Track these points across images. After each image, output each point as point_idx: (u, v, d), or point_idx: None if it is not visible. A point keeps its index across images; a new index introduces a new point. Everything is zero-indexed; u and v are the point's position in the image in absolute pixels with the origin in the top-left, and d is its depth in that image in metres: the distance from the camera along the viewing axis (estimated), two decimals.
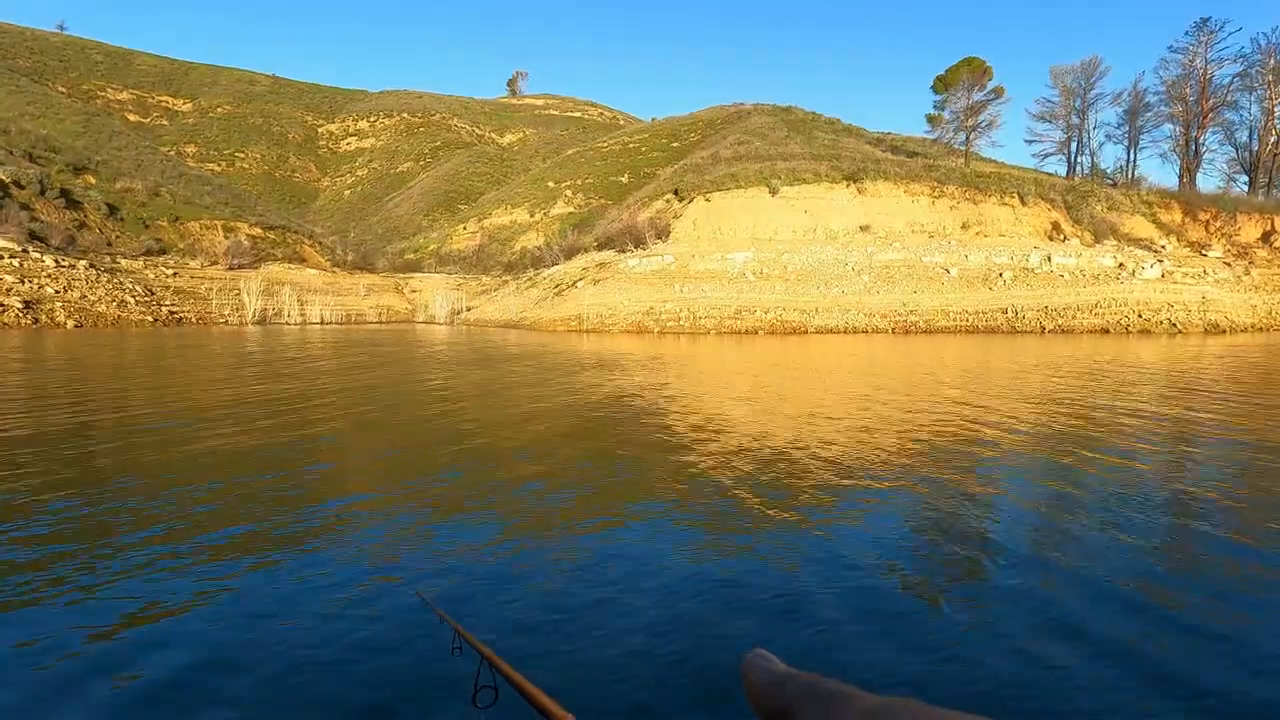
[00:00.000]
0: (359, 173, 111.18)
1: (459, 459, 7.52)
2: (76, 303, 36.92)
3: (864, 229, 43.97)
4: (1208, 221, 45.55)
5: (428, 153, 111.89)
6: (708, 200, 45.75)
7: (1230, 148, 55.82)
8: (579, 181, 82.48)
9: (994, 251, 41.20)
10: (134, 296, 40.46)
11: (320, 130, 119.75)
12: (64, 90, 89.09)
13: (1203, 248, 43.72)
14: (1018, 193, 45.33)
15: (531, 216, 78.09)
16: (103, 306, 37.92)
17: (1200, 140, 54.78)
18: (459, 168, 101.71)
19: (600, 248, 47.80)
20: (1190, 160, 54.84)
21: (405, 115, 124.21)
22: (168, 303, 42.59)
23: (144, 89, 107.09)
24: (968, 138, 52.14)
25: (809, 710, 0.37)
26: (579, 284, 42.93)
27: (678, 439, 8.45)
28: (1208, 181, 56.56)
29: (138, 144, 69.63)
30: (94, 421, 9.30)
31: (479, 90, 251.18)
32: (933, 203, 45.02)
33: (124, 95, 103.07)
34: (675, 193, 49.02)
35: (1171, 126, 56.15)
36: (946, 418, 9.97)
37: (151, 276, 44.67)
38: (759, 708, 0.40)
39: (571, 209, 76.49)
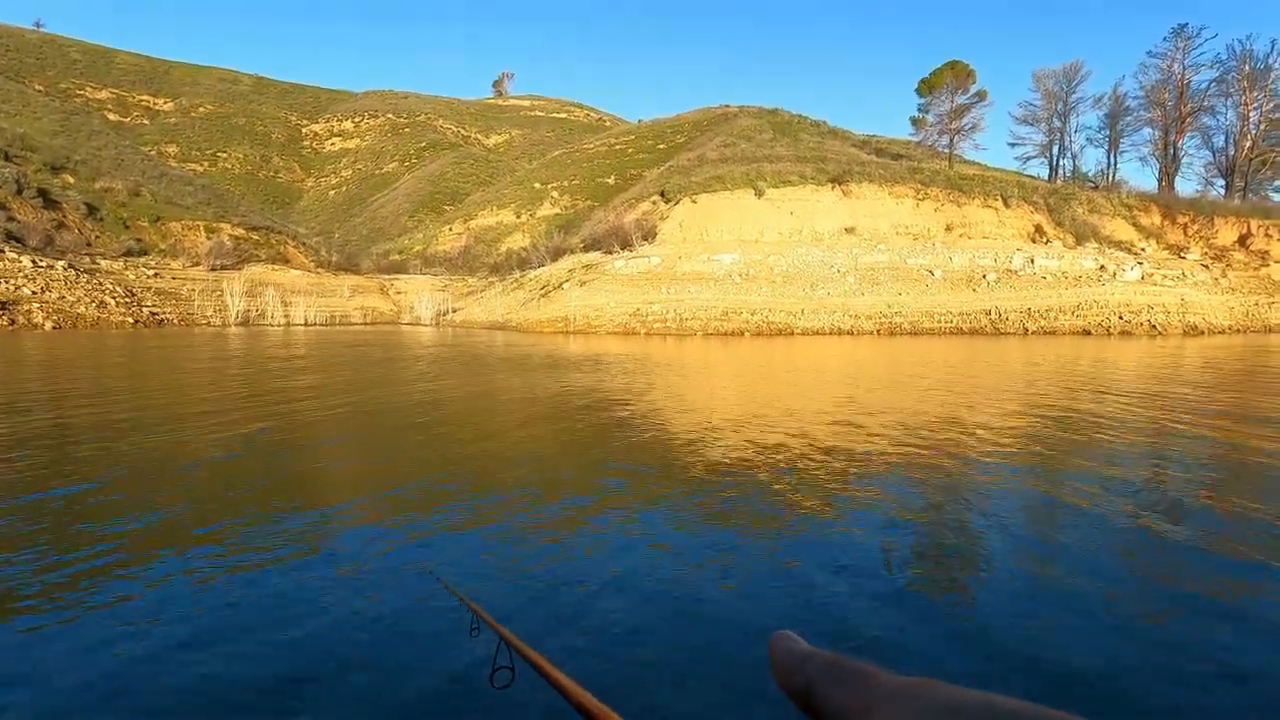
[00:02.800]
0: (343, 173, 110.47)
1: (458, 464, 7.48)
2: (54, 304, 36.38)
3: (849, 231, 44.20)
4: (1186, 224, 46.18)
5: (413, 153, 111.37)
6: (694, 202, 45.83)
7: (1207, 152, 56.65)
8: (565, 183, 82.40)
9: (978, 253, 41.55)
10: (114, 297, 39.93)
11: (304, 130, 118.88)
12: (41, 89, 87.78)
13: (1181, 250, 44.31)
14: (1001, 195, 45.75)
15: (518, 218, 77.92)
16: (82, 307, 37.38)
17: (1178, 144, 55.54)
18: (445, 168, 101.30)
19: (587, 249, 47.74)
20: (1169, 164, 55.58)
21: (390, 116, 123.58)
22: (149, 304, 42.05)
23: (124, 88, 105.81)
24: (951, 140, 52.56)
25: (832, 687, 0.38)
26: (565, 285, 42.85)
27: (675, 441, 8.45)
28: (1186, 185, 57.29)
29: (118, 143, 68.63)
30: (71, 423, 9.16)
31: (465, 91, 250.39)
32: (917, 205, 45.35)
33: (103, 94, 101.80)
34: (662, 194, 49.06)
35: (1150, 131, 56.96)
36: (937, 419, 10.03)
37: (132, 277, 44.09)
38: (783, 685, 0.41)
39: (558, 210, 76.41)
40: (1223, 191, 53.80)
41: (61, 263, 39.60)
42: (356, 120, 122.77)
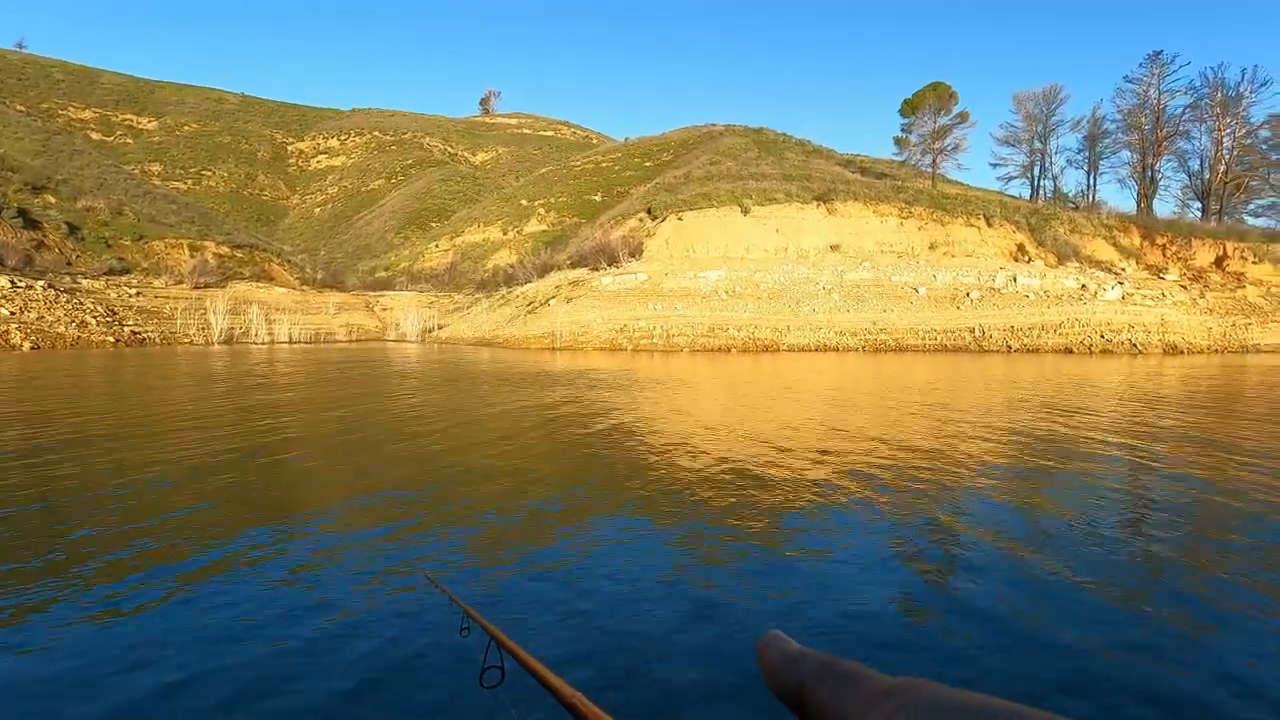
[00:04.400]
0: (329, 191, 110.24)
1: (446, 476, 7.40)
2: (34, 324, 35.89)
3: (834, 248, 44.56)
4: (1164, 246, 46.92)
5: (399, 171, 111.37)
6: (680, 219, 46.08)
7: (1184, 175, 57.74)
8: (552, 200, 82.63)
9: (961, 272, 41.97)
10: (95, 317, 39.45)
11: (290, 148, 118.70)
12: (23, 109, 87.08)
13: (1160, 271, 45.00)
14: (984, 214, 46.32)
15: (504, 234, 77.97)
16: (62, 327, 36.90)
17: (1156, 167, 56.54)
18: (431, 185, 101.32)
19: (573, 265, 47.81)
20: (1147, 186, 56.53)
21: (376, 133, 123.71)
22: (130, 323, 41.57)
23: (107, 107, 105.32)
24: (934, 160, 53.23)
25: (824, 688, 0.38)
26: (552, 302, 42.84)
27: (662, 456, 8.41)
28: (1163, 207, 58.24)
29: (100, 162, 68.06)
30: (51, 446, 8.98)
31: (451, 109, 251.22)
32: (901, 223, 45.83)
33: (86, 114, 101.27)
34: (648, 211, 49.29)
35: (1128, 153, 57.99)
36: (921, 436, 10.06)
37: (114, 296, 43.61)
38: (774, 685, 0.41)
39: (545, 227, 76.54)
40: (1199, 214, 54.80)
41: (41, 283, 39.13)
42: (343, 138, 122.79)
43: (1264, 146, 54.38)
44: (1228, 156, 53.98)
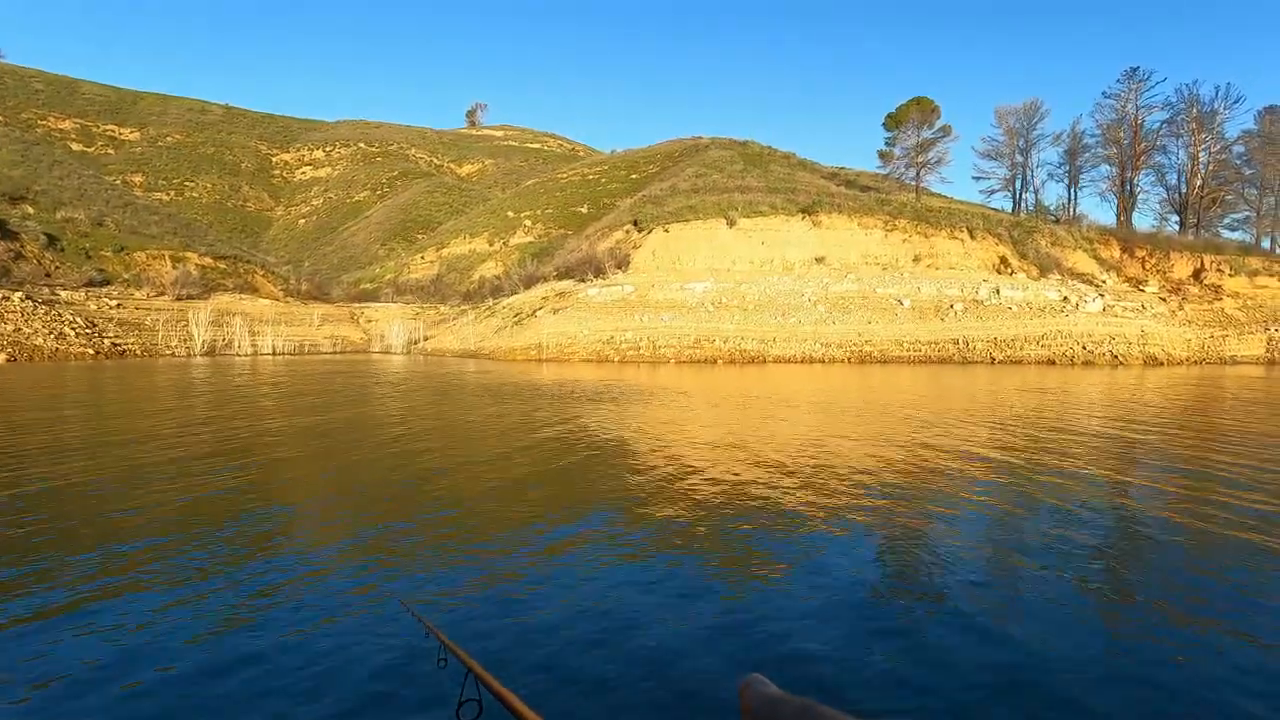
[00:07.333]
0: (314, 202, 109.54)
1: (428, 498, 7.32)
2: (10, 335, 35.38)
3: (819, 260, 44.83)
4: (1144, 258, 47.55)
5: (385, 182, 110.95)
6: (667, 231, 46.21)
7: (1162, 189, 58.59)
8: (538, 211, 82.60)
9: (945, 284, 42.32)
10: (74, 329, 38.94)
11: (274, 159, 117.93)
12: (1, 118, 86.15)
13: (1140, 283, 45.57)
14: (967, 227, 46.79)
15: (490, 246, 77.80)
16: (39, 339, 36.39)
17: (1134, 181, 57.33)
18: (417, 197, 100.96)
19: (560, 277, 47.80)
20: (1126, 199, 57.31)
21: (362, 145, 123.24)
22: (110, 335, 41.05)
23: (89, 118, 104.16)
24: (918, 173, 53.75)
25: None
26: (539, 313, 42.77)
27: (648, 475, 8.37)
28: (1142, 220, 59.02)
29: (80, 173, 67.15)
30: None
31: (437, 121, 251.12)
32: (886, 236, 46.19)
33: (67, 124, 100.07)
34: (635, 223, 49.42)
35: (1108, 167, 58.71)
36: (906, 451, 10.08)
37: (94, 308, 43.09)
38: None
39: (531, 239, 76.45)
40: (1177, 227, 55.58)
41: (18, 294, 38.62)
42: (328, 149, 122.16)
43: (1238, 161, 55.44)
44: (1204, 171, 54.88)
